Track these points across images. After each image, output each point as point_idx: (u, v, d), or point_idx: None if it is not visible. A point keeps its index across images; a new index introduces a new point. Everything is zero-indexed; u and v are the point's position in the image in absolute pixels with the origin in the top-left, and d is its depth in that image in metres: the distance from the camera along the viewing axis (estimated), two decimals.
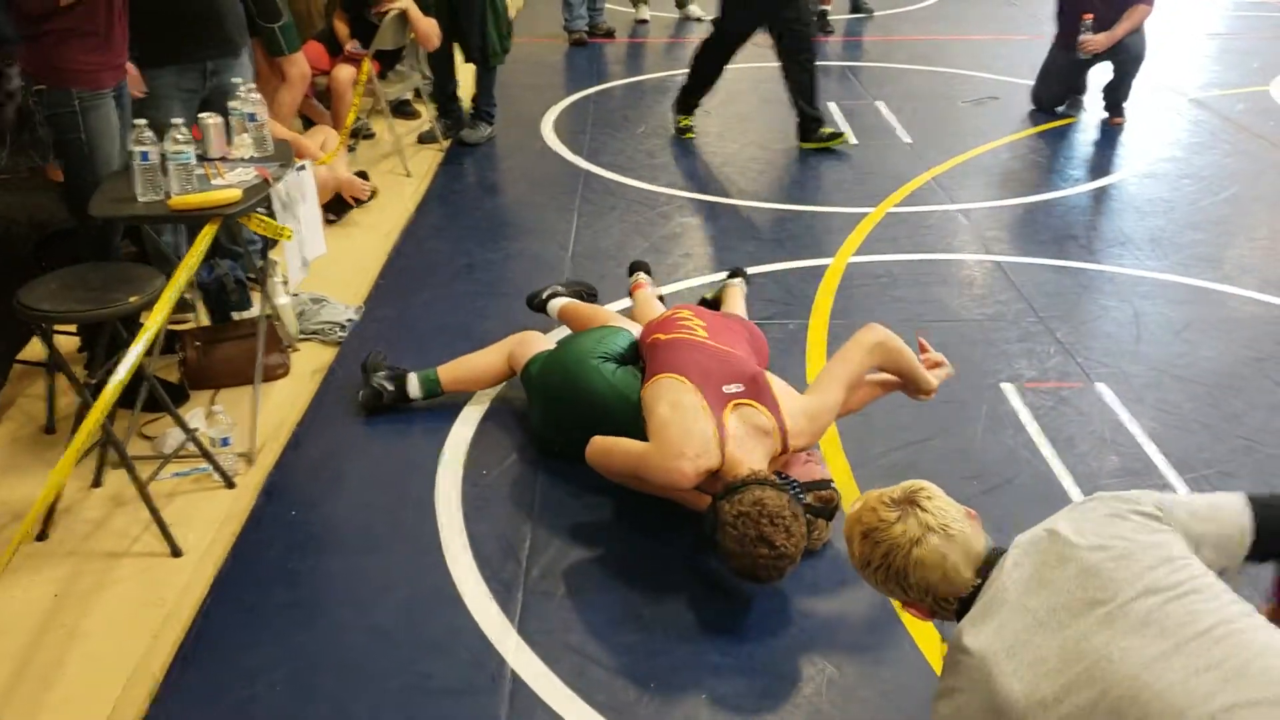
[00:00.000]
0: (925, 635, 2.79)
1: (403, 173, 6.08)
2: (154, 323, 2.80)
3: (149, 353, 3.66)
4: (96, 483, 3.39)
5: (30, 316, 2.92)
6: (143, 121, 3.24)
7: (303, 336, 4.28)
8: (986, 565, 1.97)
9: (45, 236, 3.43)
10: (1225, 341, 4.27)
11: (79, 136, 3.41)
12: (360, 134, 6.64)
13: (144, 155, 3.23)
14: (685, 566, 3.03)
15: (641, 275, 4.35)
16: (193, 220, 3.35)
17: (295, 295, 4.38)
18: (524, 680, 2.67)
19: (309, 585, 3.00)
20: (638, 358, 3.50)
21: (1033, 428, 3.68)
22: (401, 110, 7.22)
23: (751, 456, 2.96)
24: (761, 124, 7.07)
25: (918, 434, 3.65)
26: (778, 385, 3.13)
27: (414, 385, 3.72)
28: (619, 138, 6.74)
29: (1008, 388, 3.92)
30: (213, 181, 3.42)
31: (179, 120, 3.29)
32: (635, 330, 3.66)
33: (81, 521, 3.23)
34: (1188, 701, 1.70)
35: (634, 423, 3.16)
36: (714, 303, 4.22)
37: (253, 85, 3.75)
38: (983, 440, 3.63)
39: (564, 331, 4.06)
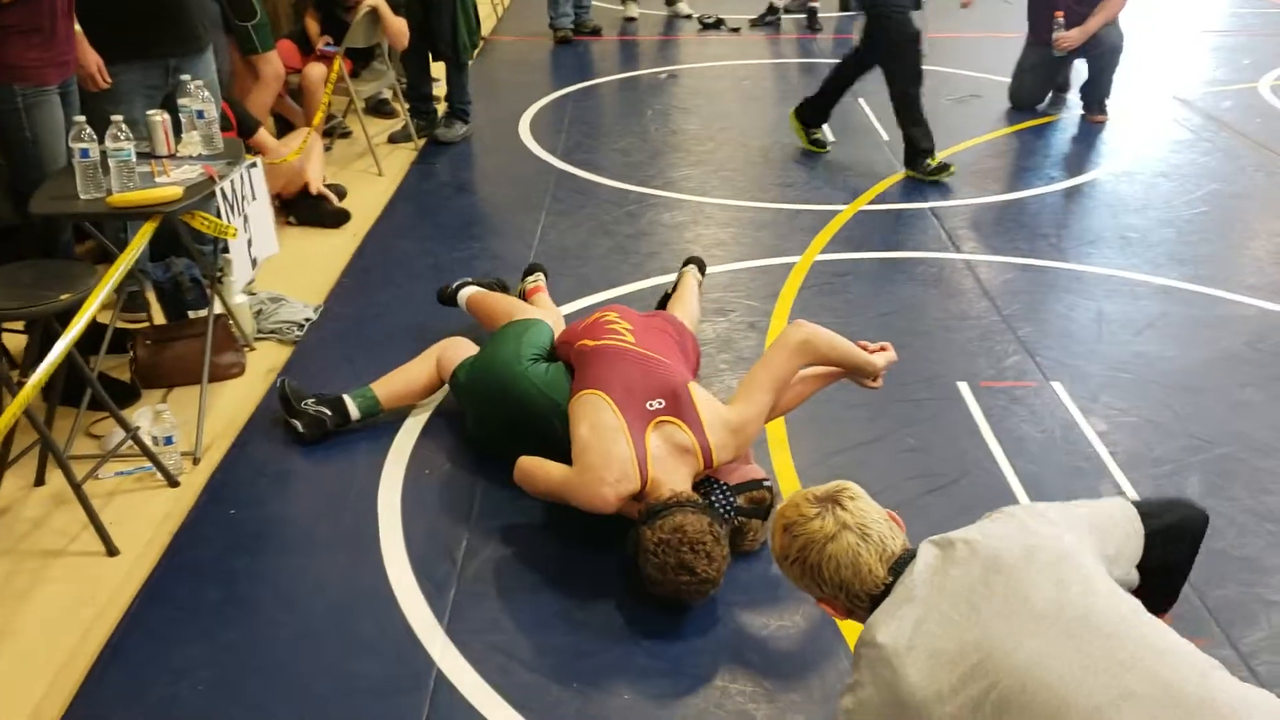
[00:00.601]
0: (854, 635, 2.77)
1: (375, 172, 6.07)
2: (83, 315, 2.79)
3: (95, 352, 3.67)
4: (40, 481, 3.38)
5: None
6: (82, 119, 3.23)
7: (260, 336, 4.27)
8: (900, 564, 1.98)
9: None
10: (1188, 341, 4.24)
11: (23, 134, 3.41)
12: (336, 133, 6.63)
13: (84, 152, 3.22)
14: (619, 570, 3.01)
15: (540, 277, 4.26)
16: (132, 218, 3.35)
17: (253, 294, 4.37)
18: (448, 680, 2.65)
19: (243, 584, 2.99)
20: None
21: (985, 427, 3.66)
22: (380, 109, 7.22)
23: (674, 477, 2.94)
24: (742, 122, 7.06)
25: (868, 434, 3.63)
26: (701, 398, 3.07)
27: (352, 408, 3.60)
28: (594, 137, 6.73)
29: (963, 386, 3.90)
30: (157, 179, 3.42)
31: (118, 117, 3.28)
32: (549, 319, 3.65)
33: (21, 520, 3.23)
34: (1074, 694, 1.70)
35: (566, 426, 3.14)
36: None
37: (202, 82, 3.73)
38: (933, 440, 3.60)
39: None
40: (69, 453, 3.41)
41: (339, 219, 5.35)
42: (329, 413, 3.56)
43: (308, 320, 4.36)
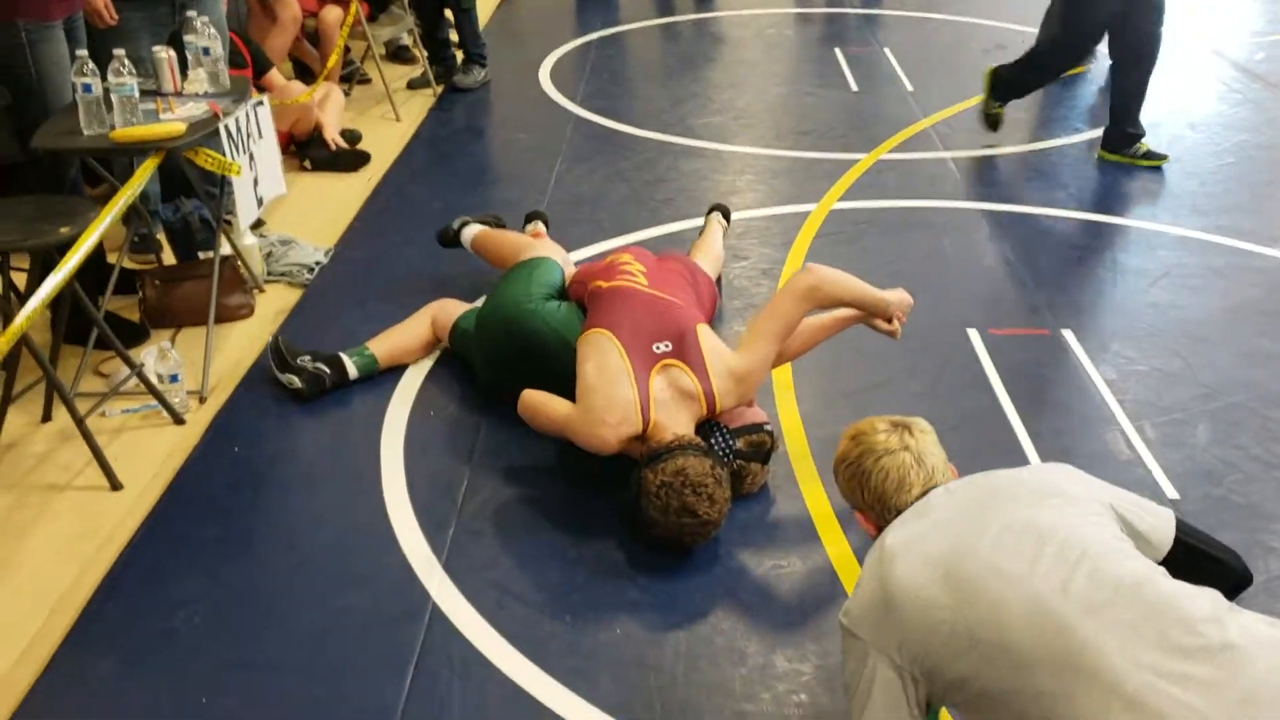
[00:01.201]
0: (852, 580, 2.76)
1: (392, 118, 6.05)
2: (80, 246, 2.79)
3: (103, 291, 3.69)
4: (46, 417, 3.41)
5: None
6: (84, 53, 3.22)
7: (270, 278, 4.28)
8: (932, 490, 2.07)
9: None
10: (1203, 292, 4.17)
11: (28, 70, 3.40)
12: (354, 78, 6.61)
13: (87, 87, 3.22)
14: (616, 509, 3.01)
15: (540, 225, 4.24)
16: (134, 153, 3.34)
17: (263, 237, 4.37)
18: (444, 613, 2.66)
19: (243, 520, 3.00)
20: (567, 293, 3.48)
21: (992, 374, 3.62)
22: (400, 55, 7.19)
23: (676, 420, 2.93)
24: (763, 70, 6.98)
25: (874, 378, 3.60)
26: (708, 343, 3.05)
27: (351, 367, 3.55)
28: (616, 84, 6.67)
29: (972, 333, 3.85)
30: (161, 115, 3.41)
31: (120, 51, 3.27)
32: (557, 257, 3.63)
33: (26, 456, 3.26)
34: (1017, 587, 1.78)
35: (558, 353, 3.17)
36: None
37: (209, 19, 3.71)
38: (940, 386, 3.57)
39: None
40: (76, 390, 3.43)
41: (357, 162, 5.34)
42: (328, 370, 3.52)
43: (318, 263, 4.36)
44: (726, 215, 4.32)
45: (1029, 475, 2.03)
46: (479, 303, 3.70)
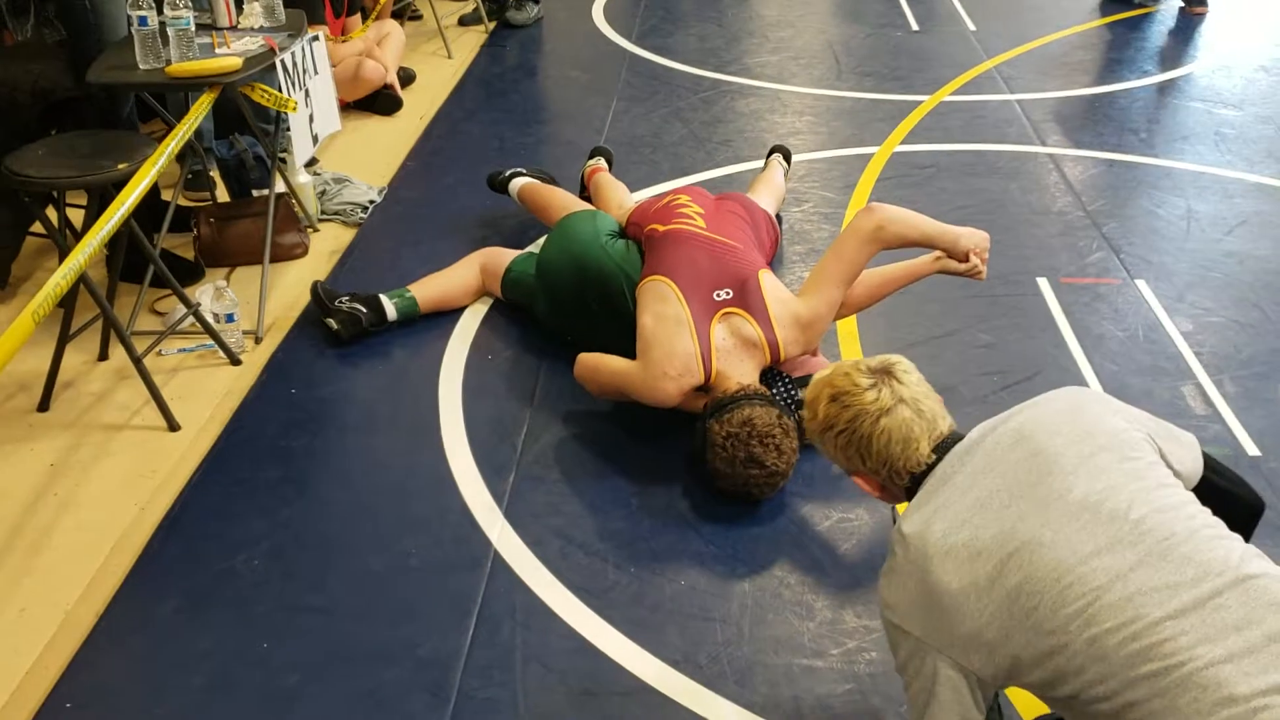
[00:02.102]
0: None
1: (444, 55, 5.96)
2: (139, 183, 2.74)
3: (158, 228, 3.65)
4: (103, 356, 3.38)
5: (15, 183, 2.88)
6: None
7: (323, 217, 4.22)
8: (944, 446, 1.86)
9: (49, 106, 3.38)
10: None
11: (83, 3, 3.34)
12: (405, 15, 6.51)
13: (142, 20, 3.15)
14: (679, 457, 2.95)
15: (600, 160, 4.16)
16: (190, 88, 3.29)
17: (317, 174, 4.32)
18: (505, 561, 2.63)
19: (301, 462, 2.97)
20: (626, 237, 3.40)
21: (1064, 324, 3.52)
22: None
23: (739, 370, 2.87)
24: (820, 8, 6.81)
25: (941, 328, 3.51)
26: (770, 291, 2.96)
27: (389, 308, 3.47)
28: (671, 21, 6.54)
29: (1043, 282, 3.75)
30: (217, 50, 3.35)
31: None
32: (614, 210, 3.57)
33: (83, 394, 3.24)
34: (1102, 581, 1.59)
35: (623, 293, 3.14)
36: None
37: None
38: (1011, 336, 3.47)
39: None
40: (132, 329, 3.41)
41: (391, 107, 5.23)
42: (364, 310, 3.44)
43: (372, 202, 4.30)
44: (787, 157, 4.22)
45: (1065, 422, 1.77)
46: (531, 248, 3.63)
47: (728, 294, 2.94)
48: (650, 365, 2.86)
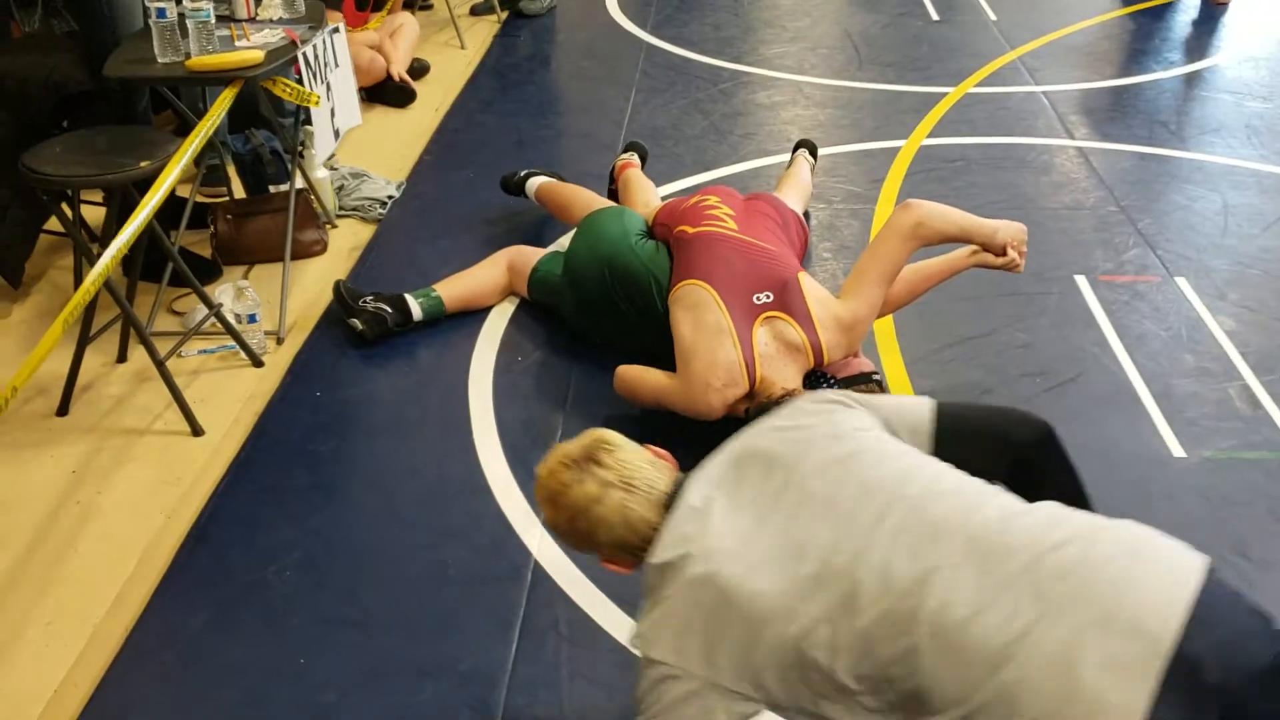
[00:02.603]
0: None
1: (457, 45, 5.86)
2: (162, 184, 2.65)
3: (175, 226, 3.56)
4: (121, 358, 3.30)
5: (33, 181, 2.79)
6: None
7: (341, 213, 4.14)
8: (671, 499, 1.81)
9: (64, 99, 3.29)
10: None
11: None
12: (416, 4, 6.40)
13: (160, 12, 3.06)
14: None
15: (634, 155, 4.07)
16: (211, 82, 3.19)
17: (334, 169, 4.23)
18: (546, 571, 2.55)
19: (330, 468, 2.89)
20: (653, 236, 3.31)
21: (1104, 323, 3.44)
22: None
23: (783, 374, 2.79)
24: None
25: (980, 327, 3.43)
26: (812, 292, 2.89)
27: (415, 307, 3.37)
28: (687, 10, 6.44)
29: (1080, 280, 3.67)
30: (237, 43, 3.25)
31: None
32: (641, 209, 3.49)
33: (103, 398, 3.15)
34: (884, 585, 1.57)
35: (654, 294, 3.08)
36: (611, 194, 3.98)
37: None
38: (1049, 335, 3.40)
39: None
40: (151, 329, 3.32)
41: (404, 99, 5.13)
42: (389, 310, 3.34)
43: (390, 198, 4.21)
44: (814, 152, 4.14)
45: (778, 428, 1.82)
46: (556, 246, 3.54)
47: (768, 297, 2.86)
48: (693, 378, 2.78)
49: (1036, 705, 1.43)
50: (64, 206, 3.06)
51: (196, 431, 3.00)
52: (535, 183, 3.94)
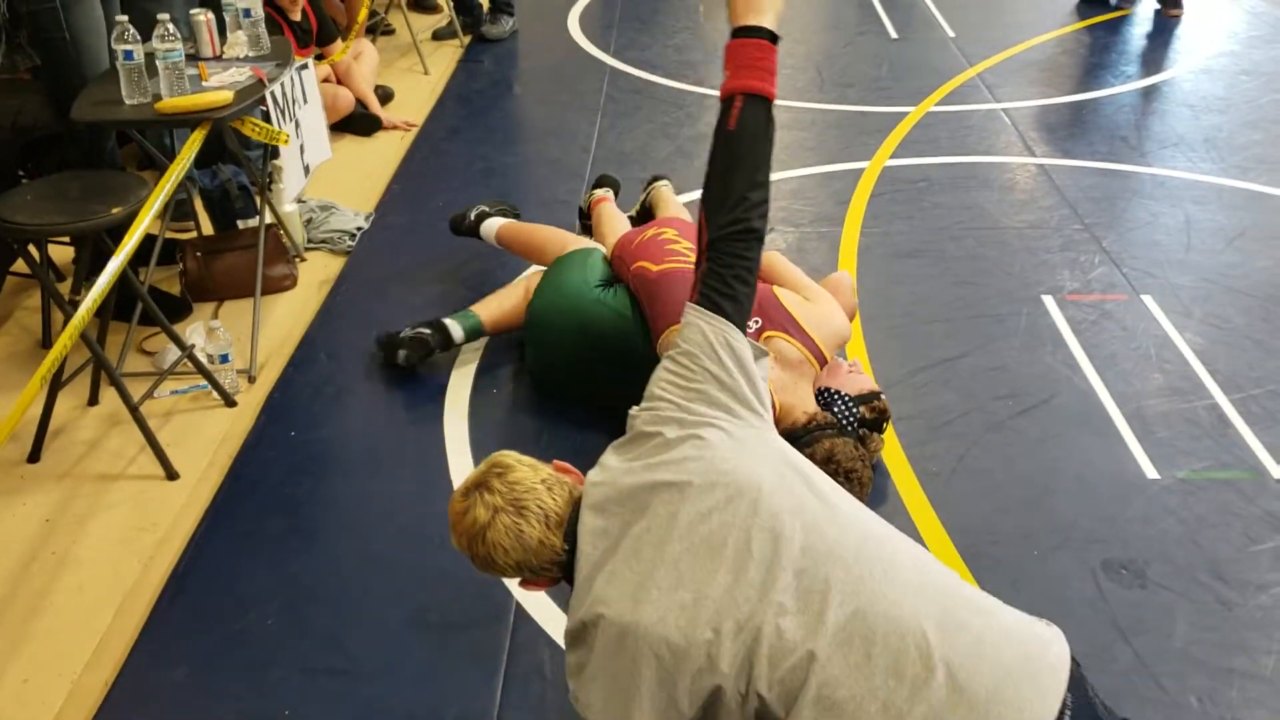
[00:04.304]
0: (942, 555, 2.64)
1: (420, 70, 5.85)
2: (135, 232, 2.64)
3: (144, 264, 3.53)
4: (93, 400, 3.27)
5: (6, 230, 2.76)
6: (124, 18, 3.04)
7: (310, 245, 4.12)
8: (571, 528, 1.84)
9: (30, 142, 3.26)
10: None
11: (62, 35, 3.22)
12: (379, 30, 6.40)
13: (128, 54, 3.04)
14: None
15: (608, 190, 3.95)
16: (181, 125, 3.16)
17: (302, 202, 4.21)
18: (528, 613, 2.54)
19: (308, 511, 2.87)
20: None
21: (1073, 343, 3.48)
22: (423, 4, 6.96)
23: (798, 396, 2.79)
24: (796, 17, 6.76)
25: (951, 350, 3.45)
26: (788, 299, 2.91)
27: (455, 329, 3.32)
28: (648, 33, 6.46)
29: (1048, 300, 3.71)
30: (204, 83, 3.23)
31: (165, 16, 3.08)
32: (596, 245, 3.44)
33: (75, 443, 3.12)
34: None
35: (648, 345, 2.99)
36: (644, 214, 3.87)
37: None
38: (1020, 356, 3.43)
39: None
40: (121, 370, 3.29)
41: (369, 126, 5.12)
42: (429, 332, 3.31)
43: (359, 229, 4.20)
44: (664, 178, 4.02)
45: (623, 460, 1.88)
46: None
47: (756, 322, 2.87)
48: None
49: None
50: (32, 249, 3.03)
51: (171, 475, 2.97)
52: (494, 226, 3.74)
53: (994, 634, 1.63)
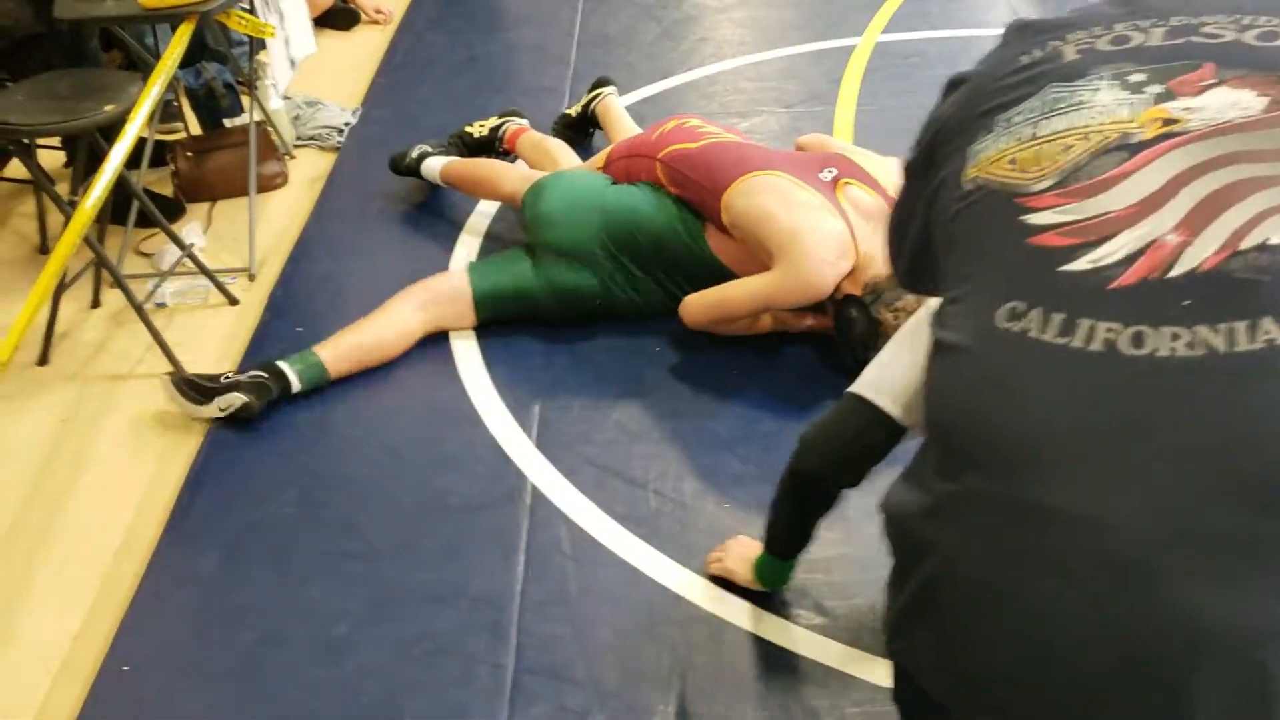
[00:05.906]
0: None
1: None
2: (131, 127, 2.62)
3: (136, 165, 3.51)
4: (95, 303, 3.28)
5: None
6: None
7: (299, 143, 4.09)
8: None
9: (11, 44, 3.21)
10: None
11: None
12: None
13: None
14: (705, 381, 2.90)
15: (516, 120, 3.72)
16: (167, 19, 3.12)
17: (288, 99, 4.17)
18: (543, 493, 2.60)
19: (318, 405, 2.90)
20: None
21: None
22: None
23: (878, 247, 2.60)
24: None
25: None
26: (855, 153, 2.86)
27: (293, 377, 2.83)
28: None
29: None
30: None
31: None
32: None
33: (82, 344, 3.14)
34: None
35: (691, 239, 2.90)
36: (582, 120, 3.73)
37: None
38: None
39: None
40: (122, 271, 3.29)
41: (348, 21, 5.03)
42: (265, 375, 2.81)
43: (347, 125, 4.16)
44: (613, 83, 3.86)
45: None
46: (474, 262, 3.25)
47: (833, 171, 2.79)
48: (805, 257, 2.59)
49: None
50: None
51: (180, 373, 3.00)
52: (436, 164, 3.50)
53: None
